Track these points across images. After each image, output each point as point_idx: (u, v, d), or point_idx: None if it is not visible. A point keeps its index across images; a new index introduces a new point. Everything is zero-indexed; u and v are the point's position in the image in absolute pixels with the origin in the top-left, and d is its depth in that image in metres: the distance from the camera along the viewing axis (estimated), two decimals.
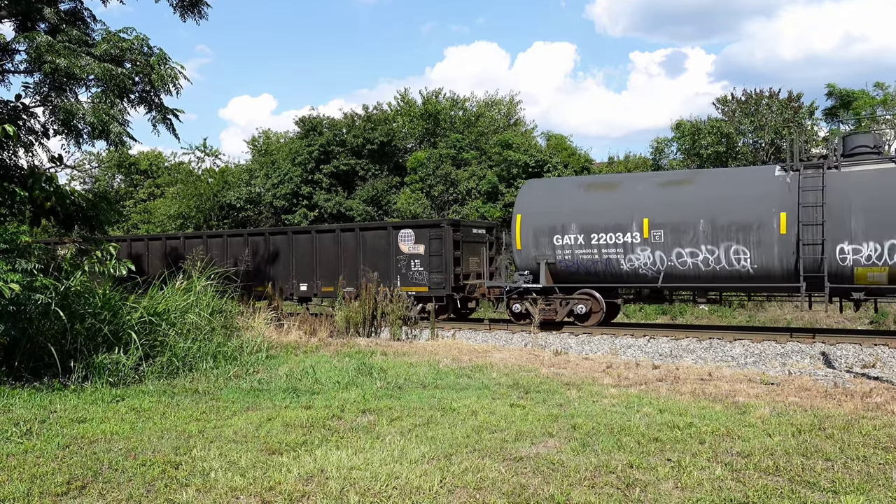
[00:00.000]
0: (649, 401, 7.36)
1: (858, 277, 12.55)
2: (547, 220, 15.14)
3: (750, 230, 13.17)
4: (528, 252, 15.35)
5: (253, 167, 36.63)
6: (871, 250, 12.32)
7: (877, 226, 12.25)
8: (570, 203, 15.09)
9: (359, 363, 9.82)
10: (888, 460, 5.23)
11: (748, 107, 27.52)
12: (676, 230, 13.78)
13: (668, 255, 13.91)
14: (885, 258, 12.20)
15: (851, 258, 12.49)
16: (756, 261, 13.19)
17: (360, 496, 4.53)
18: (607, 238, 14.40)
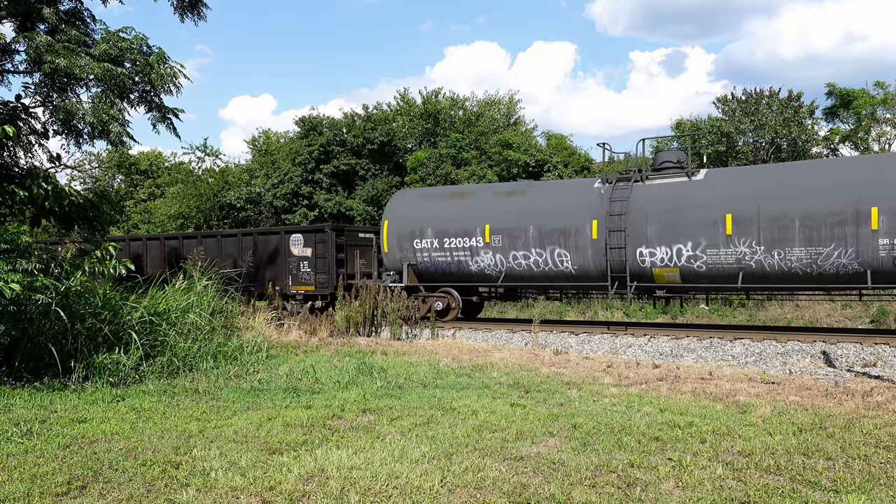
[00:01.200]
0: (650, 400, 7.36)
1: (657, 277, 14.18)
2: (409, 225, 16.81)
3: (569, 235, 14.86)
4: (394, 254, 16.98)
5: (253, 167, 36.62)
6: (663, 253, 13.95)
7: (667, 232, 13.88)
8: (428, 211, 16.81)
9: (359, 363, 9.82)
10: (889, 459, 5.23)
11: (748, 106, 27.51)
12: (512, 235, 15.49)
13: (506, 257, 15.57)
14: (675, 260, 13.84)
15: (649, 260, 14.10)
16: (576, 262, 14.87)
17: (360, 496, 4.53)
18: (457, 242, 16.11)
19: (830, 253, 12.52)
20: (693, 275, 13.89)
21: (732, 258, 13.33)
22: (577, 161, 29.87)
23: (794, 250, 12.78)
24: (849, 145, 27.80)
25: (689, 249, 13.68)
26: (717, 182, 14.06)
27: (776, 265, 13.00)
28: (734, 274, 13.44)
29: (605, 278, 14.55)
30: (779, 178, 13.58)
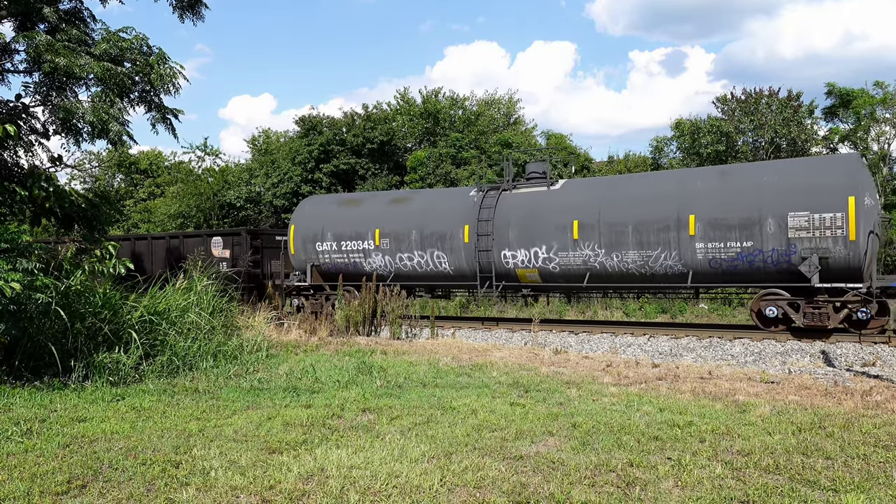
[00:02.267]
0: (649, 399, 7.37)
1: (521, 277, 15.52)
2: (311, 230, 18.24)
3: (445, 239, 16.23)
4: (299, 256, 18.35)
5: (253, 166, 36.62)
6: (523, 256, 15.30)
7: (526, 236, 15.22)
8: (328, 216, 18.26)
9: (359, 362, 9.83)
10: (888, 458, 5.24)
11: (748, 106, 27.51)
12: (398, 239, 16.91)
13: (394, 258, 16.97)
14: (534, 262, 15.20)
15: (512, 262, 15.46)
16: (452, 263, 16.22)
17: (360, 495, 4.53)
18: (353, 245, 17.56)
19: (658, 255, 13.88)
20: (550, 275, 15.19)
21: (580, 260, 14.69)
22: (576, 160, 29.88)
23: (630, 253, 14.13)
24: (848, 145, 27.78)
25: (545, 252, 15.01)
26: (569, 192, 15.42)
27: (616, 266, 14.33)
28: (582, 274, 14.77)
29: (476, 277, 15.95)
30: (617, 188, 15.00)
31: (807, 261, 12.53)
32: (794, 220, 12.62)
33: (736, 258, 13.18)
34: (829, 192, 12.39)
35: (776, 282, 13.13)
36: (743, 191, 13.26)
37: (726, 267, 13.34)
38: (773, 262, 12.92)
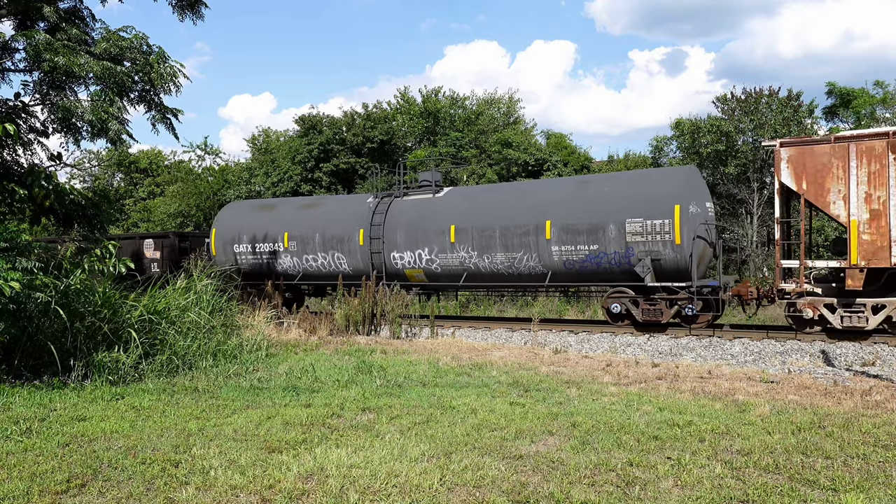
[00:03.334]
0: (649, 399, 7.37)
1: (409, 276, 16.99)
2: (230, 233, 19.78)
3: (344, 242, 17.74)
4: (220, 257, 19.76)
5: (253, 165, 36.62)
6: (409, 257, 16.75)
7: (412, 239, 16.66)
8: (244, 221, 19.79)
9: (358, 361, 9.82)
10: (888, 458, 5.24)
11: (748, 105, 27.49)
12: (304, 241, 18.35)
13: (301, 259, 18.42)
14: (419, 262, 16.64)
15: (400, 263, 16.94)
16: (350, 264, 17.74)
17: (359, 494, 4.53)
18: (265, 247, 19.04)
19: (521, 257, 15.24)
20: (434, 274, 16.58)
21: (457, 261, 16.09)
22: (576, 160, 29.88)
23: (498, 255, 15.51)
24: None
25: (427, 254, 16.48)
26: (450, 199, 16.87)
27: (487, 267, 15.73)
28: (460, 273, 16.16)
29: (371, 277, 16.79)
30: (487, 196, 16.58)
31: (641, 262, 13.88)
32: (631, 226, 13.97)
33: (585, 259, 14.55)
34: (659, 201, 13.75)
35: (620, 281, 14.43)
36: (591, 199, 14.66)
37: (578, 267, 14.69)
38: (617, 264, 14.28)
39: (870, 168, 11.75)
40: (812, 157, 12.26)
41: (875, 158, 11.70)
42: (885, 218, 11.63)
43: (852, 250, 11.89)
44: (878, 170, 11.68)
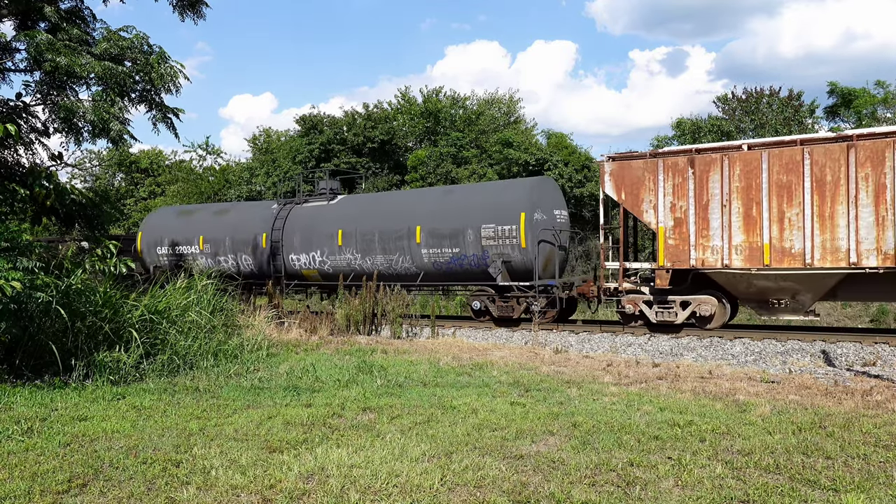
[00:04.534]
0: (650, 399, 7.37)
1: (306, 276, 18.53)
2: (154, 236, 21.47)
3: (249, 244, 19.42)
4: (146, 258, 21.58)
5: (253, 165, 36.63)
6: (305, 259, 18.30)
7: (306, 242, 18.24)
8: (167, 225, 21.49)
9: (359, 361, 9.83)
10: (889, 458, 5.24)
11: (749, 105, 27.49)
12: (216, 244, 20.08)
13: (214, 260, 19.91)
14: (312, 263, 18.19)
15: (297, 264, 18.48)
16: (255, 265, 19.28)
17: (360, 494, 4.54)
18: (184, 249, 20.78)
19: (397, 259, 16.82)
20: (326, 274, 18.07)
21: (344, 262, 17.67)
22: (577, 160, 29.86)
23: (378, 257, 17.10)
24: None
25: (319, 255, 17.99)
26: (341, 206, 18.48)
27: (369, 267, 17.24)
28: (349, 273, 17.56)
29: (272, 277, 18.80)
30: (370, 204, 18.27)
31: (494, 263, 15.34)
32: (485, 231, 15.51)
33: (450, 261, 16.03)
34: (508, 209, 15.26)
35: (480, 280, 15.90)
36: (454, 207, 16.23)
37: (445, 268, 16.16)
38: (475, 265, 15.78)
39: (674, 181, 13.23)
40: (629, 171, 13.67)
41: (678, 172, 13.18)
42: (686, 225, 13.11)
43: (660, 253, 13.34)
44: (681, 182, 13.17)
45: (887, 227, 11.57)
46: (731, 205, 12.72)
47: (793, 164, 12.26)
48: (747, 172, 12.62)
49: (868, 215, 11.74)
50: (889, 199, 11.56)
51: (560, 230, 16.08)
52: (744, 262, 12.63)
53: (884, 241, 11.61)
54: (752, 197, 12.58)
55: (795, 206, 12.25)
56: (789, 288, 12.59)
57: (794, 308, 12.79)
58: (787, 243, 12.32)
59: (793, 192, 12.27)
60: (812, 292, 12.49)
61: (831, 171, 11.99)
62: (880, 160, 11.59)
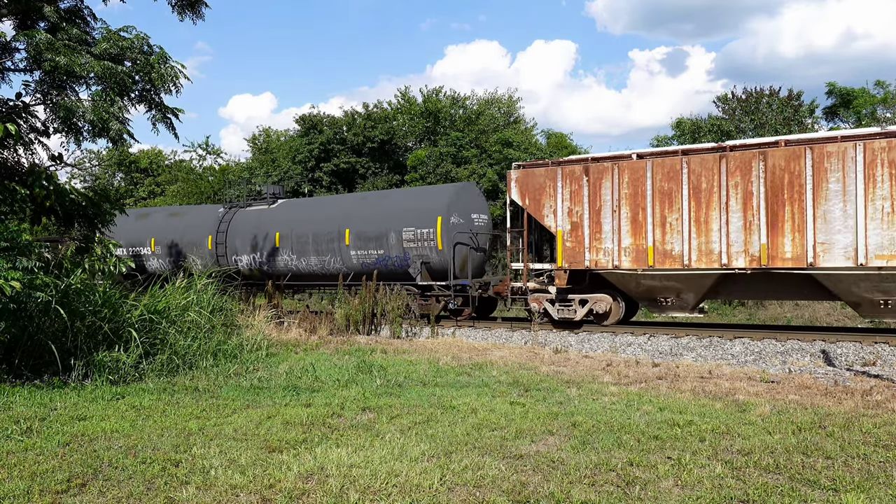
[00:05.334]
0: (649, 399, 7.37)
1: (253, 275, 19.60)
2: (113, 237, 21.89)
3: (197, 246, 20.48)
4: None
5: (253, 165, 36.60)
6: (247, 259, 19.56)
7: (249, 244, 19.50)
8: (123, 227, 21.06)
9: (359, 361, 9.83)
10: (888, 458, 5.24)
11: (748, 105, 27.48)
12: (167, 245, 21.32)
13: (165, 261, 21.29)
14: (253, 264, 19.44)
15: (240, 264, 19.70)
16: (202, 265, 19.25)
17: (360, 494, 4.53)
18: (139, 250, 21.87)
19: (329, 260, 17.90)
20: (268, 274, 19.02)
21: (282, 263, 18.70)
22: None
23: (311, 258, 18.10)
24: None
25: (260, 257, 19.14)
26: (280, 210, 19.63)
27: (304, 267, 18.28)
28: (286, 273, 18.66)
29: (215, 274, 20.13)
30: (305, 209, 19.55)
31: (414, 264, 16.37)
32: (406, 234, 16.52)
33: (376, 262, 17.04)
34: (426, 213, 16.29)
35: (404, 280, 16.69)
36: (380, 212, 17.38)
37: (371, 269, 16.92)
38: (399, 265, 16.74)
39: (571, 188, 14.18)
40: (533, 179, 14.60)
41: (575, 180, 14.13)
42: (582, 229, 14.06)
43: (559, 255, 14.30)
44: (577, 189, 14.12)
45: (753, 231, 12.51)
46: (621, 210, 13.67)
47: (673, 172, 13.19)
48: (634, 180, 13.52)
49: (737, 220, 12.66)
50: (755, 206, 12.48)
51: (477, 233, 16.99)
52: (631, 264, 13.56)
53: (751, 244, 12.53)
54: (638, 203, 13.50)
55: (675, 212, 13.22)
56: (673, 287, 13.52)
57: (681, 306, 13.66)
58: (668, 246, 13.27)
59: (673, 199, 13.22)
60: (693, 291, 13.39)
61: (706, 179, 12.93)
62: (748, 170, 12.52)
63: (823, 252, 12.00)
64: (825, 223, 12.00)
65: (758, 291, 13.47)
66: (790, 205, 12.27)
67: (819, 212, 12.05)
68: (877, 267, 11.61)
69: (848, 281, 11.97)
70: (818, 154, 12.07)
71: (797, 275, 12.48)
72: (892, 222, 11.53)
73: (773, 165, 12.38)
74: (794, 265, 12.22)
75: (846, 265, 11.82)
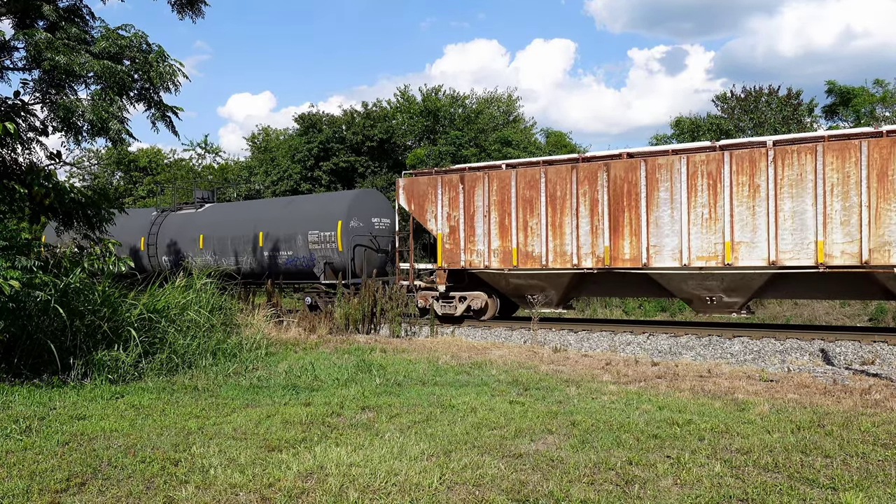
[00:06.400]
0: (648, 398, 7.37)
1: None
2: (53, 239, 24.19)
3: (131, 248, 21.39)
4: None
5: (252, 164, 36.60)
6: (174, 259, 20.74)
7: (174, 245, 20.74)
8: None
9: (358, 360, 9.83)
10: (887, 457, 5.24)
11: (747, 104, 27.50)
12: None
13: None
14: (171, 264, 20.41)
15: (168, 265, 20.77)
16: (137, 266, 20.03)
17: (359, 493, 4.53)
18: None
19: (245, 260, 19.47)
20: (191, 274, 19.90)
21: (204, 264, 18.83)
22: None
23: (231, 258, 19.60)
24: None
25: (185, 257, 20.11)
26: (206, 214, 21.11)
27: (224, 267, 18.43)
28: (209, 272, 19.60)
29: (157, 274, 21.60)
30: (226, 213, 20.99)
31: (318, 265, 17.70)
32: (312, 237, 17.99)
33: (287, 262, 18.32)
34: (329, 218, 17.87)
35: (311, 279, 18.09)
36: (290, 216, 18.85)
37: (283, 269, 18.40)
38: (306, 266, 18.08)
39: (450, 195, 15.64)
40: (418, 186, 16.08)
41: (452, 187, 15.56)
42: (459, 232, 15.44)
43: (439, 256, 15.69)
44: (454, 196, 15.59)
45: (599, 234, 13.91)
46: (491, 215, 15.07)
47: (534, 181, 14.56)
48: (502, 188, 14.93)
49: (586, 225, 14.06)
50: (601, 212, 13.88)
51: (377, 235, 18.49)
52: (500, 264, 14.96)
53: (597, 246, 13.96)
54: (505, 209, 14.90)
55: (536, 217, 14.57)
56: (537, 285, 14.85)
57: (547, 302, 14.96)
58: (530, 248, 14.63)
59: (534, 205, 14.60)
60: (555, 289, 14.75)
61: (561, 188, 14.33)
62: (595, 179, 13.93)
63: (655, 253, 13.38)
64: (657, 228, 13.36)
65: (608, 289, 15.19)
66: (629, 211, 13.62)
67: (652, 217, 13.40)
68: (698, 267, 13.00)
69: (677, 279, 13.38)
70: (651, 166, 13.39)
71: (636, 274, 13.85)
72: (709, 228, 12.92)
73: (615, 176, 13.71)
74: (632, 265, 13.57)
75: (674, 265, 13.21)
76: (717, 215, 12.83)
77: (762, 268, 12.55)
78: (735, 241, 12.71)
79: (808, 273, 12.44)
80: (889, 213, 11.57)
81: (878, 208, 11.66)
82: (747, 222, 12.61)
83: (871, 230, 11.69)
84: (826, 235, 12.03)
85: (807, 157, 12.14)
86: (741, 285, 13.00)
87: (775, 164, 12.37)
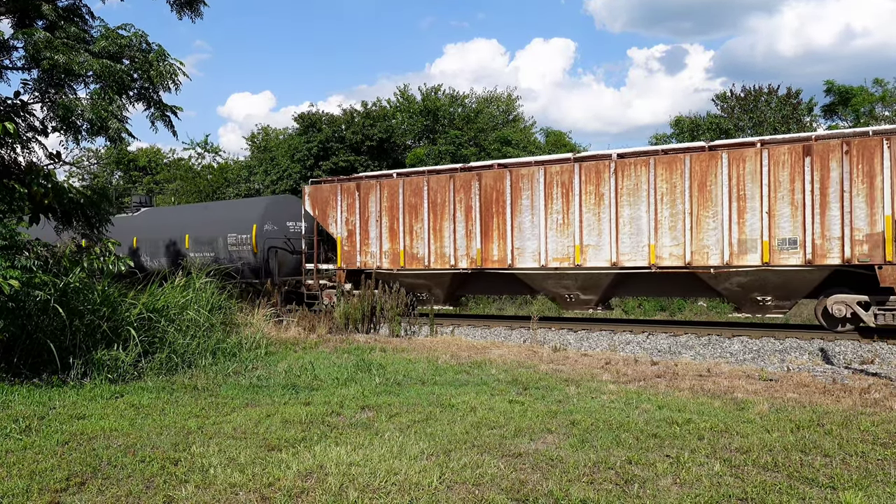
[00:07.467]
0: (648, 397, 7.37)
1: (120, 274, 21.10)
2: None
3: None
4: None
5: (252, 163, 36.56)
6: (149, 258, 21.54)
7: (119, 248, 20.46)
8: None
9: (358, 359, 9.83)
10: (886, 456, 5.25)
11: (747, 103, 27.50)
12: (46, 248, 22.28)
13: None
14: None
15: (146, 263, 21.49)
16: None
17: (359, 492, 4.54)
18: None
19: (170, 260, 20.49)
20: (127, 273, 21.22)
21: (139, 264, 20.87)
22: None
23: (161, 259, 21.02)
24: None
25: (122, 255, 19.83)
26: (140, 218, 22.67)
27: (157, 267, 20.43)
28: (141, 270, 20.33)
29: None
30: (159, 216, 22.57)
31: (235, 264, 18.98)
32: (231, 239, 19.39)
33: (211, 262, 18.65)
34: (245, 221, 19.19)
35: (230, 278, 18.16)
36: (212, 219, 20.36)
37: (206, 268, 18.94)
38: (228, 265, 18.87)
39: (348, 201, 16.92)
40: (321, 193, 17.38)
41: (350, 194, 16.87)
42: (355, 235, 16.76)
43: (338, 257, 17.01)
44: (352, 202, 16.81)
45: (472, 238, 15.11)
46: (382, 220, 16.31)
47: (419, 189, 15.81)
48: (392, 195, 16.17)
49: (462, 229, 15.30)
50: (474, 218, 15.10)
51: (291, 238, 19.47)
52: (390, 264, 16.19)
53: (471, 248, 15.16)
54: (394, 214, 16.15)
55: (420, 222, 15.83)
56: (423, 284, 16.09)
57: (435, 300, 16.19)
58: (415, 250, 15.87)
59: (419, 211, 15.86)
60: (440, 287, 15.99)
61: (441, 195, 15.57)
62: (469, 187, 15.17)
63: (519, 255, 14.60)
64: (520, 232, 14.61)
65: (484, 288, 16.64)
66: (497, 217, 14.87)
67: (516, 222, 14.64)
68: (554, 268, 14.22)
69: (539, 279, 14.65)
70: (515, 176, 14.64)
71: (505, 273, 15.04)
72: (563, 232, 14.15)
73: (486, 184, 14.98)
74: (500, 266, 14.79)
75: (535, 266, 14.43)
76: (570, 221, 14.09)
77: (607, 268, 13.80)
78: (584, 244, 13.98)
79: (645, 273, 13.69)
80: (707, 220, 12.92)
81: (698, 215, 12.99)
82: (594, 227, 13.89)
83: (693, 234, 13.01)
84: (657, 239, 13.33)
85: (642, 169, 13.42)
86: (592, 284, 14.23)
87: (616, 174, 13.68)
